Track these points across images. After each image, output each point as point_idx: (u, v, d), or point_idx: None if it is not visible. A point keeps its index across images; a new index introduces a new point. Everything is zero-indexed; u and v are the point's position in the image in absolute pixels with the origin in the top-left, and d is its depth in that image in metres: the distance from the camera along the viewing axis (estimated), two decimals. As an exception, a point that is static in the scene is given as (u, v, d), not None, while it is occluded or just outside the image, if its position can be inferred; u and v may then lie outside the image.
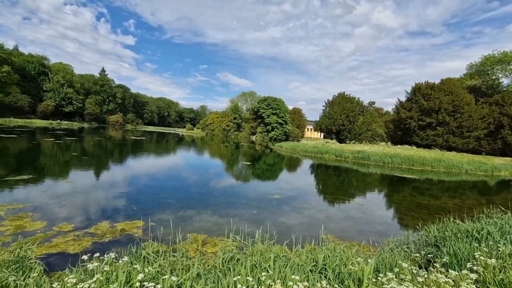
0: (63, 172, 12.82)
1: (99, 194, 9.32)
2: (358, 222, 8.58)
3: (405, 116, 43.43)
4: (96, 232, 5.93)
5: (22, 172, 11.24)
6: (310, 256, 3.78)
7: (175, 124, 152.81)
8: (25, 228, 5.80)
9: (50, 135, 32.11)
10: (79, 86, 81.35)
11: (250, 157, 28.61)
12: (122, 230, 6.16)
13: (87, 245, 5.30)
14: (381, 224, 8.64)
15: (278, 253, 3.52)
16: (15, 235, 5.34)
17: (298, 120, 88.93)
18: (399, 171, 23.26)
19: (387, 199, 12.61)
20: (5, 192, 8.35)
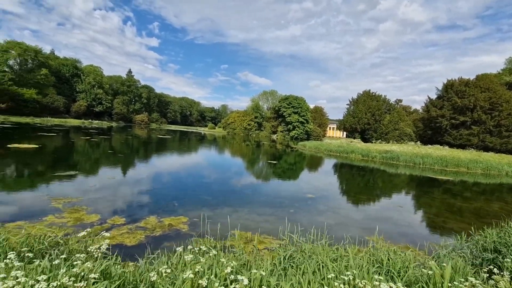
0: (103, 168, 13.52)
1: (140, 189, 9.74)
2: (398, 224, 8.32)
3: (436, 115, 41.31)
4: (147, 226, 6.20)
5: (69, 168, 12.00)
6: (372, 258, 3.71)
7: (196, 123, 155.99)
8: (83, 220, 6.19)
9: (85, 134, 33.96)
10: (108, 87, 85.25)
11: (274, 156, 28.60)
12: (169, 225, 6.40)
13: (141, 238, 5.55)
14: (423, 227, 8.33)
15: (341, 253, 3.50)
16: (77, 227, 5.72)
17: (319, 119, 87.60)
18: (431, 172, 22.23)
19: (426, 201, 12.09)
20: (58, 187, 8.95)
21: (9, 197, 7.58)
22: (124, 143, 28.87)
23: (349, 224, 7.93)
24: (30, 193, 8.10)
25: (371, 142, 46.74)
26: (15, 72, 56.26)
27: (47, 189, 8.56)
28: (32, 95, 55.81)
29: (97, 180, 10.59)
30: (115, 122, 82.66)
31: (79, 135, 32.43)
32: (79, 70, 75.90)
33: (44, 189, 8.63)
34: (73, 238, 4.95)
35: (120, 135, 39.54)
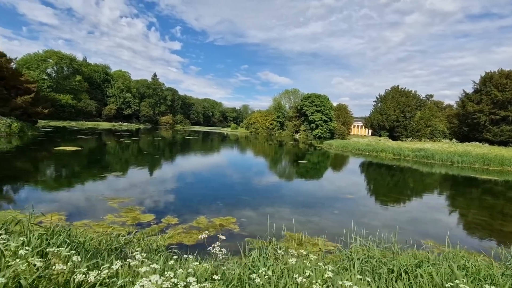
0: (143, 169, 14.07)
1: (182, 189, 10.05)
2: (450, 227, 7.88)
3: (473, 110, 38.79)
4: (199, 226, 6.36)
5: (113, 169, 12.64)
6: (455, 264, 3.52)
7: (219, 124, 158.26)
8: (140, 220, 6.47)
9: (118, 136, 35.62)
10: (135, 91, 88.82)
11: (302, 156, 28.29)
12: (220, 225, 6.51)
13: (197, 237, 5.69)
14: (479, 230, 7.82)
15: (421, 259, 3.35)
16: (135, 226, 5.98)
17: (343, 117, 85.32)
18: (471, 171, 20.90)
19: (474, 202, 11.37)
20: (108, 187, 9.44)
21: (70, 196, 8.10)
22: (155, 144, 29.91)
23: (398, 226, 7.63)
24: (86, 193, 8.59)
25: (400, 140, 44.87)
26: (52, 79, 60.27)
27: (99, 189, 9.05)
28: (68, 101, 59.56)
29: (141, 180, 11.04)
30: (142, 124, 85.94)
31: (113, 137, 34.06)
32: (109, 76, 79.86)
33: (96, 189, 9.13)
34: (142, 236, 5.19)
35: (150, 137, 41.02)
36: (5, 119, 24.11)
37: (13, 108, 26.12)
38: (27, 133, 26.14)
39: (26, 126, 26.82)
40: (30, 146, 19.17)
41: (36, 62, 58.39)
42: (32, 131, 27.89)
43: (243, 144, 40.71)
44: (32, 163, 13.44)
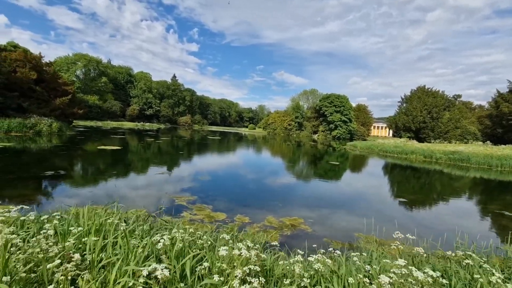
0: (188, 167, 14.39)
1: (236, 189, 10.26)
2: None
3: (508, 111, 37.00)
4: (273, 226, 6.46)
5: (161, 167, 13.05)
6: None
7: (235, 124, 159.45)
8: (215, 218, 6.65)
9: (147, 135, 36.64)
10: (156, 92, 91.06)
11: (331, 157, 27.98)
12: (292, 226, 6.58)
13: (277, 237, 5.78)
14: None
15: None
16: (214, 223, 6.15)
17: (363, 117, 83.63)
18: (511, 175, 19.94)
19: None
20: (167, 184, 9.75)
21: (138, 194, 8.43)
22: (184, 144, 30.53)
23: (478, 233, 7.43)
24: (151, 190, 8.92)
25: (427, 141, 43.46)
26: (81, 81, 62.86)
27: (161, 187, 9.37)
28: (94, 101, 61.93)
29: (194, 179, 11.32)
30: (162, 124, 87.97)
31: (142, 137, 35.05)
32: (132, 77, 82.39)
33: (157, 186, 9.46)
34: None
35: (175, 137, 41.88)
36: (47, 119, 25.38)
37: (53, 109, 27.46)
38: (65, 133, 27.40)
39: (64, 126, 28.10)
40: (74, 145, 20.07)
41: (66, 64, 61.16)
42: (69, 130, 29.20)
43: (266, 144, 40.77)
44: (84, 160, 14.09)
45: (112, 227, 2.54)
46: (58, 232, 2.33)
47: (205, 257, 2.32)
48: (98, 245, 2.09)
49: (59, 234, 2.33)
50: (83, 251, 2.29)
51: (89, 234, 2.44)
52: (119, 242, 2.30)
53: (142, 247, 2.20)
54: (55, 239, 2.28)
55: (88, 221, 2.56)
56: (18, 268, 1.85)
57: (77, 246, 2.27)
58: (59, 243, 2.24)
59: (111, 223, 2.67)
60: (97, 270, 2.01)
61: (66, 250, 2.09)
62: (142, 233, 2.89)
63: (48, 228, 2.26)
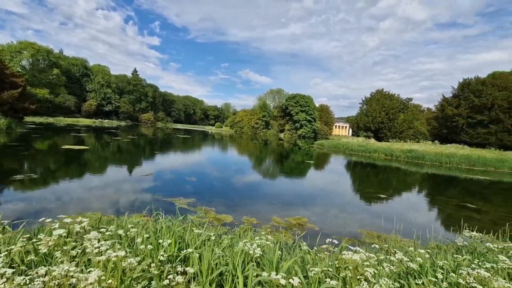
0: (173, 168, 13.81)
1: (230, 190, 10.20)
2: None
3: (452, 114, 41.92)
4: (281, 225, 6.62)
5: (141, 169, 12.40)
6: None
7: (200, 122, 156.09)
8: (222, 220, 6.60)
9: (110, 133, 34.14)
10: (115, 86, 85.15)
11: (305, 156, 28.95)
12: (299, 225, 6.82)
13: (290, 236, 5.96)
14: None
15: None
16: (225, 226, 6.11)
17: (326, 117, 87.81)
18: (457, 171, 22.68)
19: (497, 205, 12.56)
20: (157, 188, 9.33)
21: (130, 197, 7.96)
22: (155, 142, 29.12)
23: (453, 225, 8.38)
24: (144, 194, 8.47)
25: (385, 140, 47.27)
26: (27, 72, 56.19)
27: (152, 190, 8.94)
28: (44, 95, 55.84)
29: (180, 180, 10.97)
30: (123, 121, 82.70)
31: (106, 134, 32.61)
32: (88, 70, 75.92)
33: (147, 189, 9.00)
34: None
35: (141, 135, 39.68)
36: (-8, 115, 22.38)
37: (0, 103, 24.26)
38: (15, 130, 24.41)
39: (14, 122, 25.04)
40: (31, 144, 17.99)
41: (9, 53, 54.05)
42: (20, 127, 26.05)
43: (236, 143, 40.74)
44: (54, 162, 12.76)
45: (190, 236, 2.47)
46: (145, 245, 2.20)
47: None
48: (207, 256, 2.04)
49: (149, 248, 2.20)
50: (173, 262, 2.21)
51: (170, 245, 2.35)
52: (204, 251, 2.27)
53: (239, 254, 2.21)
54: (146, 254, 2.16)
55: (165, 233, 2.44)
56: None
57: (171, 259, 2.18)
58: (152, 257, 2.13)
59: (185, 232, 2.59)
60: (208, 283, 1.97)
61: (172, 265, 2.02)
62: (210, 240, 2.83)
63: (138, 242, 2.13)
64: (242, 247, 2.35)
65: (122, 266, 1.63)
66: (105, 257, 1.64)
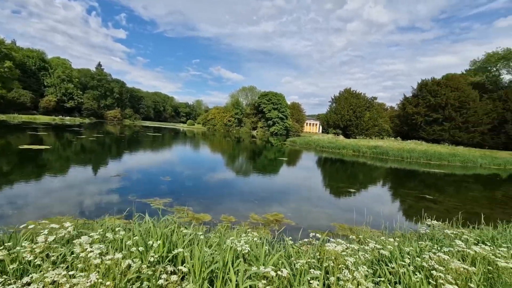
0: (145, 167, 13.36)
1: (204, 187, 10.15)
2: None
3: (412, 112, 45.20)
4: (259, 222, 6.80)
5: (113, 168, 11.87)
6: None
7: (171, 119, 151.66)
8: (200, 220, 6.61)
9: (71, 131, 31.94)
10: (77, 81, 79.61)
11: (278, 153, 29.47)
12: (277, 221, 7.05)
13: (268, 232, 6.15)
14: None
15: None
16: (206, 225, 6.15)
17: (297, 115, 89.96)
18: (417, 165, 24.61)
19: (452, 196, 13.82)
20: (129, 189, 9.02)
21: (106, 200, 7.63)
22: (124, 141, 27.83)
23: (412, 214, 9.15)
24: (115, 195, 8.15)
25: (352, 137, 49.71)
26: (-27, 64, 50.51)
27: (124, 191, 8.64)
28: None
29: (154, 180, 10.69)
30: (87, 119, 77.73)
31: (68, 133, 30.48)
32: (46, 63, 69.97)
33: (120, 190, 8.68)
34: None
35: (108, 133, 37.65)
36: None
37: None
38: (-39, 129, 21.94)
39: (-41, 120, 22.45)
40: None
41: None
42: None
43: (209, 141, 40.33)
44: (9, 162, 11.72)
45: (179, 237, 2.52)
46: (138, 245, 2.21)
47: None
48: (197, 255, 2.12)
49: (140, 248, 2.21)
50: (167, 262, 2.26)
51: (159, 246, 2.39)
52: (195, 250, 2.35)
53: (228, 251, 2.32)
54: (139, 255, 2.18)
55: (152, 233, 2.46)
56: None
57: (162, 259, 2.22)
58: (142, 259, 2.16)
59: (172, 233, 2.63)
60: (201, 280, 2.06)
61: (162, 264, 2.07)
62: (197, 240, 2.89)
63: (129, 244, 2.13)
64: (230, 244, 2.46)
65: (120, 268, 1.65)
66: (99, 260, 1.66)
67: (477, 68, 49.82)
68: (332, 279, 2.02)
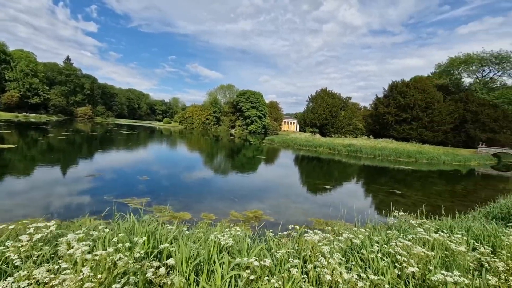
0: (121, 166, 12.94)
1: (183, 186, 10.10)
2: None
3: (383, 112, 47.52)
4: (239, 219, 6.93)
5: (88, 168, 11.43)
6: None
7: (146, 117, 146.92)
8: (180, 218, 6.61)
9: (37, 129, 29.98)
10: (43, 76, 74.68)
11: (257, 151, 29.68)
12: (256, 217, 7.22)
13: (248, 229, 6.30)
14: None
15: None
16: (187, 223, 6.17)
17: (275, 113, 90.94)
18: (387, 162, 26.01)
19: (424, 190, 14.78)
20: (105, 189, 8.76)
21: (81, 200, 7.36)
22: (97, 139, 26.61)
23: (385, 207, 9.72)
24: (90, 195, 7.89)
25: (328, 136, 51.26)
26: None
27: (99, 191, 8.38)
28: None
29: (131, 179, 10.44)
30: (54, 116, 73.27)
31: (34, 131, 28.57)
32: (7, 56, 64.81)
33: (95, 190, 8.41)
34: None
35: (79, 131, 35.78)
36: None
37: None
38: None
39: None
40: None
41: None
42: None
43: (187, 139, 39.73)
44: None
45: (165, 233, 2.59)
46: (123, 242, 2.25)
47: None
48: (183, 248, 2.22)
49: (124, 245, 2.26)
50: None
51: (144, 243, 2.45)
52: (181, 245, 2.44)
53: (210, 246, 2.44)
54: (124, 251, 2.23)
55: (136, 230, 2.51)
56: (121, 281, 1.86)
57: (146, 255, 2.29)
58: (128, 254, 2.22)
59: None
60: (188, 273, 2.16)
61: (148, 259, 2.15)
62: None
63: (116, 240, 2.17)
64: (214, 238, 2.58)
65: (108, 263, 1.71)
66: (90, 256, 1.71)
67: (441, 71, 53.52)
68: (310, 266, 2.21)
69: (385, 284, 2.25)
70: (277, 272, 2.19)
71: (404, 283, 2.41)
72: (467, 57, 48.35)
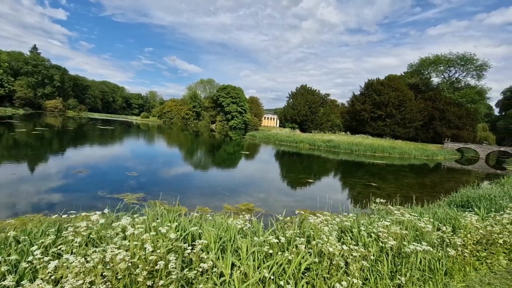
0: (108, 162, 12.84)
1: (175, 181, 10.36)
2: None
3: (360, 109, 49.67)
4: (232, 211, 7.41)
5: (74, 163, 11.30)
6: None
7: (121, 111, 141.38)
8: (179, 211, 6.95)
9: (3, 124, 28.28)
10: (7, 66, 69.65)
11: (240, 147, 30.08)
12: (248, 210, 7.74)
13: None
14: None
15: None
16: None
17: (256, 109, 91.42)
18: (364, 157, 27.53)
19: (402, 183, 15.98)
20: (98, 185, 8.85)
21: (74, 196, 7.44)
22: (73, 134, 25.64)
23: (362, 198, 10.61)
24: (83, 192, 7.98)
25: (308, 132, 52.76)
26: None
27: (92, 187, 8.47)
28: None
29: (121, 175, 10.52)
30: (21, 109, 68.77)
31: (1, 126, 26.94)
32: (-35, 42, 59.62)
33: (87, 186, 8.49)
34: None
35: (51, 126, 34.08)
36: None
37: None
38: None
39: None
40: None
41: None
42: None
43: (167, 134, 39.24)
44: None
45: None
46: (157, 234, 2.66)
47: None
48: (208, 231, 2.68)
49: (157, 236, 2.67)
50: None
51: (172, 229, 2.87)
52: (207, 228, 2.90)
53: (232, 228, 2.92)
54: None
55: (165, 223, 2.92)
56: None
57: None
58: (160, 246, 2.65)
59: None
60: (216, 250, 2.63)
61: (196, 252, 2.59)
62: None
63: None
64: (232, 223, 3.06)
65: (161, 242, 2.15)
66: (150, 234, 2.14)
67: (413, 71, 56.89)
68: (314, 242, 2.76)
69: (371, 255, 2.86)
70: (290, 248, 2.72)
71: (385, 254, 3.03)
72: (435, 58, 51.73)
